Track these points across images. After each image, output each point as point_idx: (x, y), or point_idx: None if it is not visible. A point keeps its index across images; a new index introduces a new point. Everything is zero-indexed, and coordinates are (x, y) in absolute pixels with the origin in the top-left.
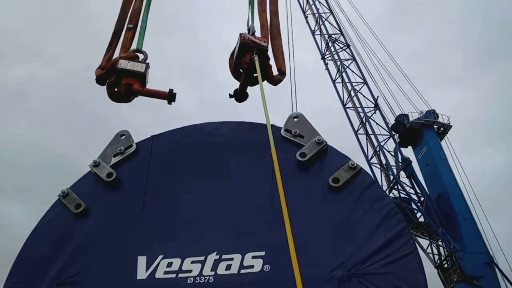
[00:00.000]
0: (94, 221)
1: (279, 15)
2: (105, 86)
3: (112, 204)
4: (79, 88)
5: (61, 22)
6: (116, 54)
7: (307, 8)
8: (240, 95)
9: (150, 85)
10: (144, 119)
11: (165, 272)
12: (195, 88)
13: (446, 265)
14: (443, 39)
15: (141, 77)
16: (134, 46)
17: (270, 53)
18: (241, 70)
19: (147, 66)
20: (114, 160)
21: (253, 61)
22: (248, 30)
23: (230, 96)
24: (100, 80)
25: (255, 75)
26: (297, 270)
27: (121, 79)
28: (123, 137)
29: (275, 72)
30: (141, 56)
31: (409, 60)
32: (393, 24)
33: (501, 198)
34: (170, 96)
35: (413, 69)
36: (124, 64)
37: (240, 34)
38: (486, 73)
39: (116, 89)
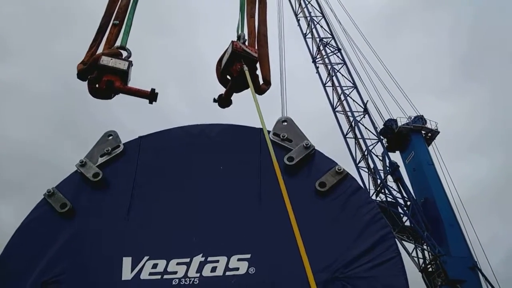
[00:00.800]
0: (79, 221)
1: (267, 23)
2: (86, 82)
3: (98, 204)
4: (73, 88)
5: (58, 21)
6: (100, 50)
7: (299, 11)
8: (224, 101)
9: (143, 85)
10: (136, 121)
11: (150, 273)
12: (188, 91)
13: (430, 269)
14: (433, 50)
15: (123, 74)
16: (118, 43)
17: None
18: (228, 77)
19: (130, 64)
20: (101, 160)
21: (243, 70)
22: (238, 37)
23: (214, 100)
24: (81, 75)
25: (241, 82)
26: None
27: (103, 76)
28: (110, 137)
29: (260, 81)
30: (124, 54)
31: (398, 68)
32: (384, 33)
33: (485, 205)
34: (151, 96)
35: (401, 78)
36: (106, 60)
37: (232, 42)
38: (473, 85)
39: (97, 86)
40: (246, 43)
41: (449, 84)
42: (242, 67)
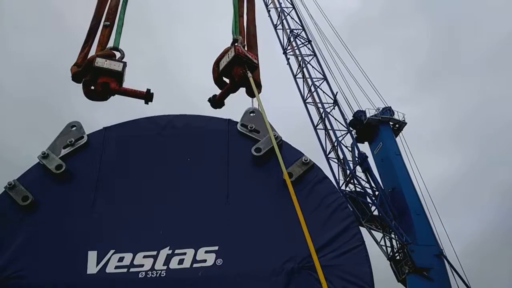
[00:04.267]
0: (42, 214)
1: (256, 22)
2: (81, 84)
3: (62, 197)
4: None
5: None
6: (92, 52)
7: (270, 1)
8: (217, 103)
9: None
10: (106, 116)
11: (116, 267)
12: (160, 89)
13: (398, 257)
14: (391, 60)
15: (118, 76)
16: (110, 44)
17: None
18: (224, 79)
19: (124, 65)
20: (64, 151)
21: (245, 75)
22: (235, 40)
23: (209, 100)
24: (76, 77)
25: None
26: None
27: (98, 78)
28: (73, 128)
29: None
30: (118, 55)
31: (367, 64)
32: (354, 31)
33: (447, 198)
34: (147, 96)
35: (371, 73)
36: (101, 62)
37: (235, 46)
38: (429, 93)
39: (92, 88)
40: (241, 38)
41: (405, 94)
42: (246, 73)
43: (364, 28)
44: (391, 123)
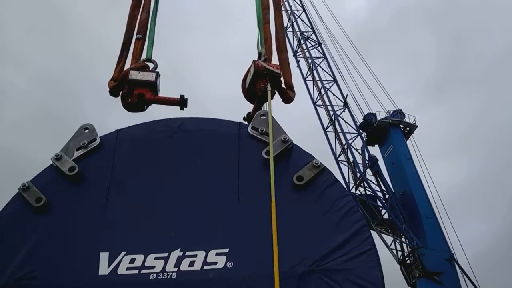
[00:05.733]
0: (55, 215)
1: (284, 28)
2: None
3: (74, 198)
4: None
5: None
6: (128, 65)
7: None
8: (252, 118)
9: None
10: (118, 118)
11: (128, 268)
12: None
13: (408, 261)
14: (397, 71)
15: (152, 86)
16: (144, 56)
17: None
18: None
19: (157, 74)
20: (77, 153)
21: (266, 89)
22: (259, 55)
23: (244, 119)
24: (113, 92)
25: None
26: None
27: (133, 90)
28: (86, 130)
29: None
30: (151, 65)
31: (378, 68)
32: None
33: (454, 205)
34: (181, 102)
35: (382, 77)
36: (134, 75)
37: (254, 62)
38: (435, 103)
39: (129, 100)
40: (264, 51)
41: (413, 103)
42: (266, 87)
43: (371, 39)
44: (401, 126)
